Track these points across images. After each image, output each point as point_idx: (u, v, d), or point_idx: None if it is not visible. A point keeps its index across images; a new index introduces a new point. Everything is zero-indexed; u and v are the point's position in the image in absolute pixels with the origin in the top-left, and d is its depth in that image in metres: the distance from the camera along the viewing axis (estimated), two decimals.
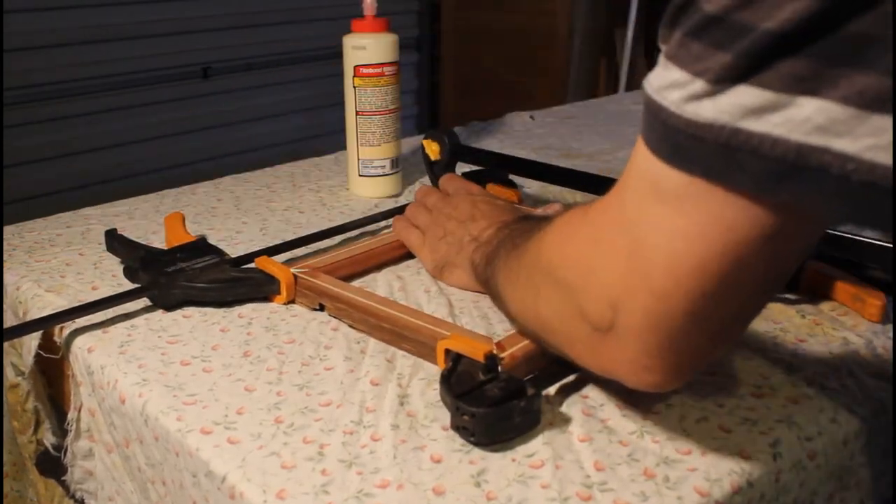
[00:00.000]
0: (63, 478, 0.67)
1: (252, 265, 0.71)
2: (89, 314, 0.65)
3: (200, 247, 0.73)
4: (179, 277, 0.67)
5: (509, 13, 3.08)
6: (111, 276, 0.75)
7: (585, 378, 0.56)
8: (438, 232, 0.73)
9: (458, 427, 0.50)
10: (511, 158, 0.94)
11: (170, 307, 0.67)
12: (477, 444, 0.50)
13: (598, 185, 0.83)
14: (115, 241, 0.76)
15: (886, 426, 0.56)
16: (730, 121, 0.34)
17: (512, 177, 0.92)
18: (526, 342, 0.57)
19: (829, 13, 0.31)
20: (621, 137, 1.24)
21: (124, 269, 0.72)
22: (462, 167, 0.92)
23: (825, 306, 0.68)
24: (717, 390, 0.56)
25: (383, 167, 0.96)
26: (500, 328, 0.64)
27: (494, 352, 0.54)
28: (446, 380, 0.53)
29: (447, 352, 0.57)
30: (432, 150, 0.91)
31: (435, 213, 0.75)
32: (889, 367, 0.59)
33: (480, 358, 0.54)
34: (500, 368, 0.54)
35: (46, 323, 0.64)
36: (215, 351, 0.61)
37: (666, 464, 0.48)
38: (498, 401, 0.50)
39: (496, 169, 0.91)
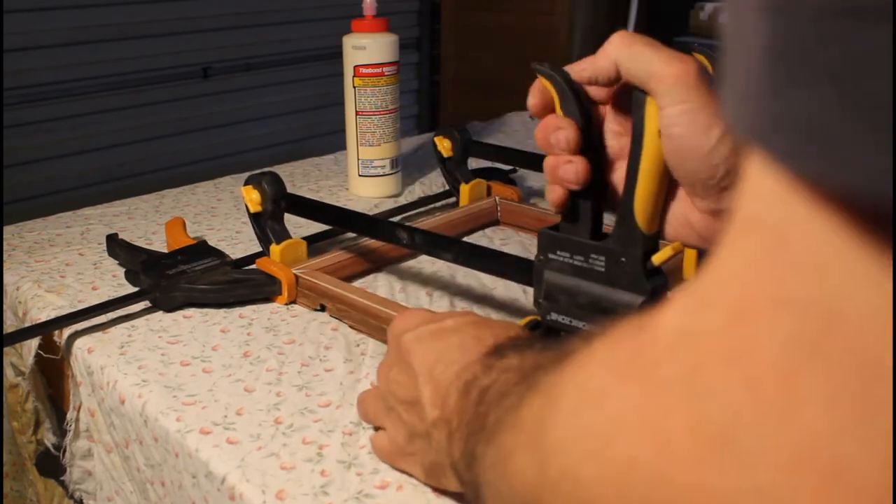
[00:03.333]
0: (62, 478, 0.67)
1: (253, 266, 0.71)
2: (90, 318, 0.65)
3: (201, 249, 0.73)
4: (181, 280, 0.67)
5: (509, 13, 3.07)
6: (111, 277, 0.75)
7: None
8: (401, 432, 0.46)
9: None
10: (524, 154, 0.91)
11: (171, 310, 0.67)
12: None
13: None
14: (117, 246, 0.76)
15: None
16: None
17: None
18: None
19: None
20: None
21: (126, 273, 0.72)
22: (474, 163, 0.92)
23: None
24: None
25: (383, 167, 0.96)
26: None
27: None
28: None
29: None
30: (444, 146, 0.90)
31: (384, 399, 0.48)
32: None
33: None
34: None
35: (47, 327, 0.64)
36: (215, 351, 0.61)
37: None
38: None
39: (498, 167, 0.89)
